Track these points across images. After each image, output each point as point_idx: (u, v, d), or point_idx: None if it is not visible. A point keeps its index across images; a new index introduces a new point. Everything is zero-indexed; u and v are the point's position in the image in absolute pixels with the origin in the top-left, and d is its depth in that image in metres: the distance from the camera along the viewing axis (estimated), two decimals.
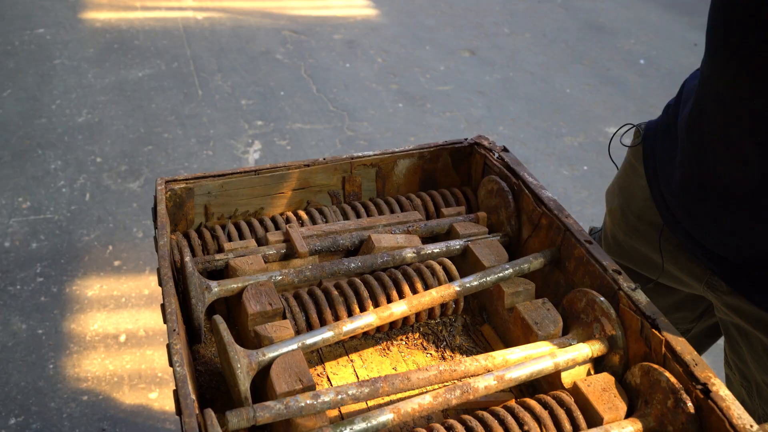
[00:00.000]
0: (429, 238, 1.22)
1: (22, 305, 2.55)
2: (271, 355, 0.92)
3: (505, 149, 1.28)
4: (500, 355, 0.95)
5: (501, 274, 1.08)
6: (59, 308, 2.55)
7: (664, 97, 4.27)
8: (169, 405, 2.22)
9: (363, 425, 0.84)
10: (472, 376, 0.93)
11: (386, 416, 0.85)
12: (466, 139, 1.34)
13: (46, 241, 2.87)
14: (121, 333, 2.48)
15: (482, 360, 0.94)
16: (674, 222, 1.15)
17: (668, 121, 1.18)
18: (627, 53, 4.83)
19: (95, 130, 3.61)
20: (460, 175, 1.36)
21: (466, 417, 0.87)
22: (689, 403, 0.83)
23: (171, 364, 0.85)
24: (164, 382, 2.30)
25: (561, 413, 0.89)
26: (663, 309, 1.32)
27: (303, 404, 0.83)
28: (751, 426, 0.78)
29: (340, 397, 0.86)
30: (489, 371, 0.93)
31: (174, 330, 0.89)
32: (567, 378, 0.96)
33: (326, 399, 0.85)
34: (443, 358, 1.07)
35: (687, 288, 1.24)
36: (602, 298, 0.97)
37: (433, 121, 3.91)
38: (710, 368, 0.85)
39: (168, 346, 0.87)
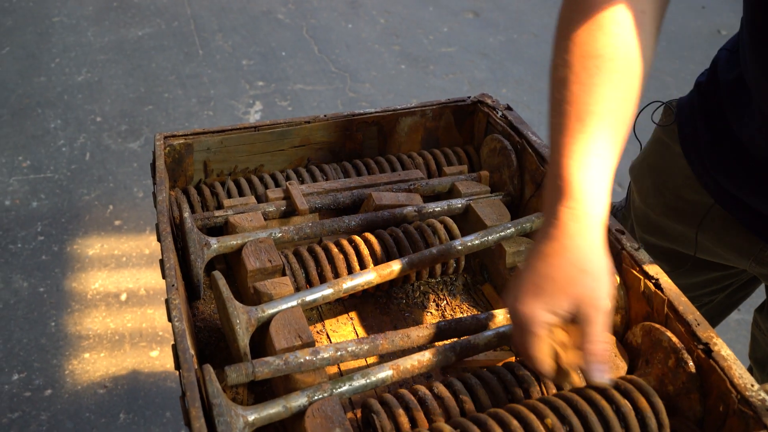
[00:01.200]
0: (430, 197, 1.21)
1: (23, 263, 2.56)
2: (271, 311, 0.91)
3: (508, 107, 1.26)
4: (501, 314, 0.95)
5: (503, 233, 1.07)
6: (60, 267, 2.56)
7: (670, 61, 4.22)
8: (170, 363, 2.23)
9: (362, 381, 0.84)
10: (472, 333, 0.93)
11: (385, 373, 0.85)
12: (469, 98, 1.32)
13: (47, 200, 2.86)
14: (122, 292, 2.48)
15: (482, 318, 0.93)
16: (727, 198, 1.13)
17: (704, 100, 1.15)
18: None
19: (95, 89, 3.58)
20: (462, 134, 1.34)
21: (466, 374, 0.87)
22: (690, 363, 0.83)
23: (170, 320, 0.85)
24: (165, 341, 2.31)
25: None
26: (691, 287, 1.32)
27: (302, 360, 0.83)
28: (752, 386, 0.78)
29: (339, 353, 0.85)
30: (489, 329, 0.93)
31: (173, 285, 0.88)
32: None
33: (325, 355, 0.84)
34: (443, 316, 1.07)
35: (728, 262, 1.23)
36: None
37: (435, 83, 3.87)
38: (712, 328, 0.85)
39: (167, 302, 0.86)
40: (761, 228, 1.10)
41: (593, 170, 0.78)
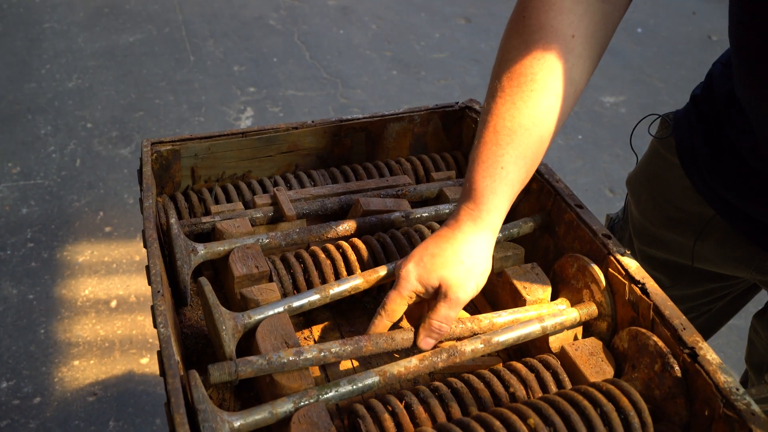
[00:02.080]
0: (418, 203, 1.21)
1: (13, 270, 2.54)
2: (257, 317, 0.91)
3: None
4: (486, 319, 0.94)
5: None
6: (50, 274, 2.55)
7: (661, 66, 4.24)
8: None
9: (348, 387, 0.84)
10: (457, 339, 0.93)
11: (372, 379, 0.85)
12: (456, 103, 1.32)
13: (37, 206, 2.85)
14: (112, 299, 2.47)
15: (468, 323, 0.93)
16: (727, 208, 1.13)
17: (700, 113, 1.16)
18: (624, 21, 4.75)
19: (85, 96, 3.57)
20: (450, 139, 1.35)
21: (452, 379, 0.87)
22: (676, 367, 0.83)
23: (155, 326, 0.84)
24: (155, 348, 2.30)
25: (547, 376, 0.88)
26: (690, 297, 1.32)
27: (285, 360, 0.83)
28: (737, 389, 0.78)
29: (323, 354, 0.85)
30: (475, 334, 0.93)
31: (158, 292, 0.88)
32: (555, 342, 0.96)
33: (309, 356, 0.84)
34: None
35: (729, 272, 1.23)
36: (594, 265, 0.96)
37: (427, 89, 3.87)
38: (698, 333, 0.85)
39: (152, 308, 0.86)
40: (762, 238, 1.11)
41: (496, 181, 0.89)
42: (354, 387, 0.84)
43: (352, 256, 1.03)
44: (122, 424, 2.06)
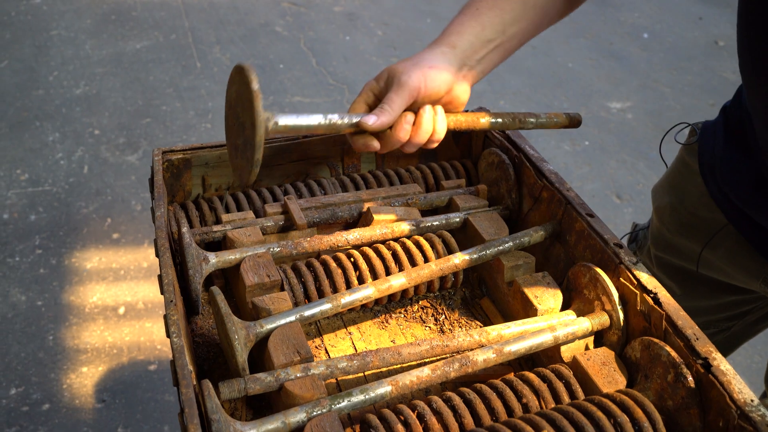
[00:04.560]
0: (428, 211, 1.21)
1: (21, 277, 2.55)
2: (269, 326, 0.91)
3: None
4: (494, 330, 0.94)
5: (501, 248, 1.07)
6: (58, 280, 2.55)
7: (668, 71, 4.24)
8: (168, 377, 2.23)
9: (361, 397, 0.84)
10: (464, 350, 0.93)
11: (384, 388, 0.85)
12: (466, 111, 1.32)
13: (45, 213, 2.86)
14: (120, 305, 2.48)
15: (476, 335, 0.93)
16: (738, 216, 1.13)
17: (727, 124, 1.17)
18: (630, 27, 4.78)
19: (93, 102, 3.59)
20: (460, 148, 1.35)
21: (464, 389, 0.87)
22: (690, 378, 0.82)
23: (168, 335, 0.85)
24: (163, 355, 2.30)
25: (560, 386, 0.88)
26: (707, 310, 1.32)
27: (293, 377, 0.83)
28: (752, 400, 0.77)
29: (330, 370, 0.86)
30: (482, 346, 0.93)
31: (171, 301, 0.88)
32: (566, 352, 0.96)
33: (316, 372, 0.85)
34: (442, 331, 1.06)
35: (738, 283, 1.23)
36: (605, 277, 0.96)
37: None
38: (711, 343, 0.85)
39: (165, 317, 0.86)
40: None
41: (466, 16, 1.04)
42: (366, 397, 0.84)
43: (363, 266, 1.04)
44: (130, 431, 2.06)
